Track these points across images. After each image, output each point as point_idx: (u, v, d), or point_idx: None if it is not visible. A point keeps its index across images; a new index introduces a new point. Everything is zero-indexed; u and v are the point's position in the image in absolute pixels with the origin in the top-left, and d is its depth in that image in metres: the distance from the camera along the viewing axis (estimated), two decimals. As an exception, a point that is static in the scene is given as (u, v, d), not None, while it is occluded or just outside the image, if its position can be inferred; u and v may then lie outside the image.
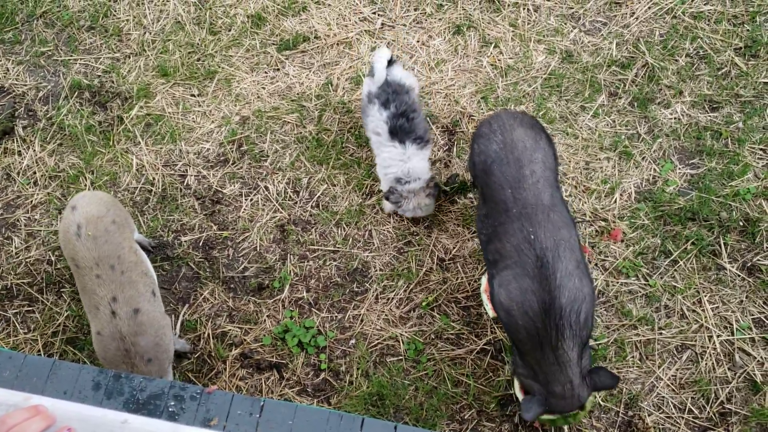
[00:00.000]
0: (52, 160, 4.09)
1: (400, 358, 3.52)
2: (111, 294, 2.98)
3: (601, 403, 3.37)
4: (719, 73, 4.07)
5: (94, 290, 3.00)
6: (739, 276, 3.59)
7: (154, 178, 4.01)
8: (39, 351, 3.58)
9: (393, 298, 3.65)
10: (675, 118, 3.97)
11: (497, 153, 3.00)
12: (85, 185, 3.98)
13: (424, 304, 3.62)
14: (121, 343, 2.94)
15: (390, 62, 3.59)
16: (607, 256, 3.66)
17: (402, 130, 3.49)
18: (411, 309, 3.63)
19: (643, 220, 3.72)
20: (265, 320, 3.64)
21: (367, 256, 3.77)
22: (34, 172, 4.05)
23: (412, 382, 3.46)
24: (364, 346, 3.54)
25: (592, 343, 3.44)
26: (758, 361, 3.42)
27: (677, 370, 3.43)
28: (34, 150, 4.11)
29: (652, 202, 3.76)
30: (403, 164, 3.52)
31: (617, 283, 3.60)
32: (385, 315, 3.62)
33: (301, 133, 4.08)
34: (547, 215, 2.85)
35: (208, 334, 3.61)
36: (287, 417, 2.34)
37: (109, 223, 3.14)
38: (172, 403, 2.40)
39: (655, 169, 3.85)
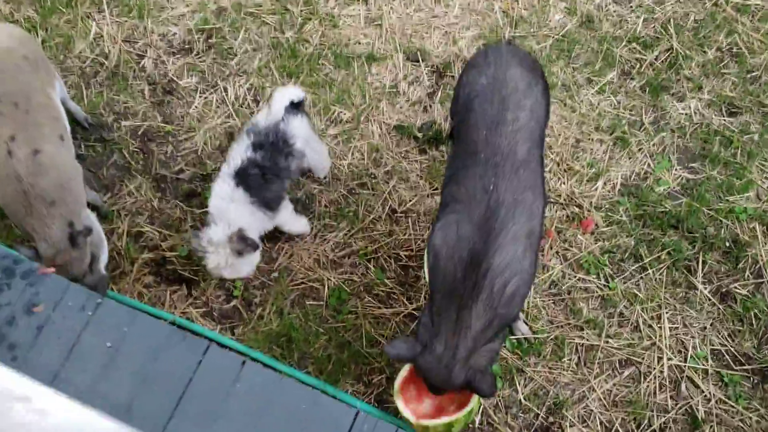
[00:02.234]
0: (8, 8, 3.74)
1: (321, 303, 3.20)
2: (10, 132, 2.69)
3: (522, 401, 3.05)
4: (748, 76, 3.63)
5: None
6: (709, 300, 3.22)
7: (109, 52, 3.64)
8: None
9: (330, 240, 3.32)
10: (686, 114, 3.54)
11: (483, 87, 2.62)
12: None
13: (361, 252, 3.28)
14: (18, 184, 2.64)
15: (297, 106, 2.95)
16: (572, 246, 3.29)
17: (247, 179, 2.83)
18: (346, 255, 3.30)
19: (621, 216, 3.34)
20: (188, 230, 3.31)
21: (315, 189, 3.42)
22: (-15, 17, 3.70)
23: (326, 332, 3.14)
24: (286, 282, 3.22)
25: (529, 335, 3.11)
26: (705, 396, 3.08)
27: (614, 385, 3.09)
28: (-9, -7, 3.75)
29: (636, 199, 3.37)
30: (222, 203, 2.83)
31: (574, 277, 3.24)
32: (318, 255, 3.28)
33: (278, 38, 3.68)
34: (516, 170, 2.48)
35: (123, 230, 3.29)
36: (123, 322, 2.06)
37: (19, 58, 2.86)
38: None
39: (649, 164, 3.45)
